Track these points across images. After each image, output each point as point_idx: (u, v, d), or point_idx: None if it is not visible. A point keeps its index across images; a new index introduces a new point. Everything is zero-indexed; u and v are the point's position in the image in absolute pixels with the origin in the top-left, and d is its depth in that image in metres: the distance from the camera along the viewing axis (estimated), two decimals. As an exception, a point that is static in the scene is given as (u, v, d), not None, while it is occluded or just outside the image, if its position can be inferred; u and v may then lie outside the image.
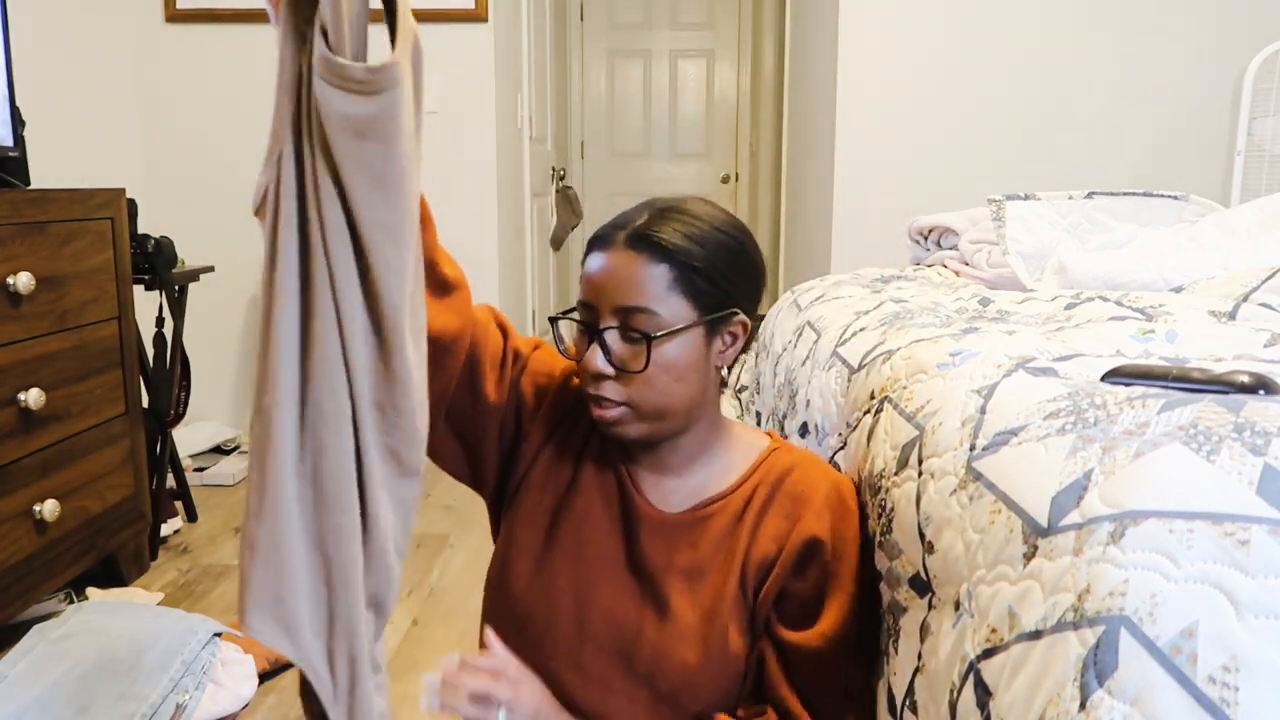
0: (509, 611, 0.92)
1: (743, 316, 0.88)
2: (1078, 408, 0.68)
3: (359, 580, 0.70)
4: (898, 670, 0.78)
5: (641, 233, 0.84)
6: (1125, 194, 1.94)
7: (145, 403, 2.24)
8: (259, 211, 0.68)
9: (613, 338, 0.84)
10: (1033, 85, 3.04)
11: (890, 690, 0.79)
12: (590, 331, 0.85)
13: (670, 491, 0.91)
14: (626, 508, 0.91)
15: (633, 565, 0.89)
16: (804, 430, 1.24)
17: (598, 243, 0.87)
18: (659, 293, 0.82)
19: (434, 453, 0.93)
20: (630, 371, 0.83)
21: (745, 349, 0.91)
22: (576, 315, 0.87)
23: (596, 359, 0.83)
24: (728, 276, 0.85)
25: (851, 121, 3.08)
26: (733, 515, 0.89)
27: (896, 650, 0.79)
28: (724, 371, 0.90)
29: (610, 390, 0.84)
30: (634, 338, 0.83)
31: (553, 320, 0.92)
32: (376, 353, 0.69)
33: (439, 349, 0.82)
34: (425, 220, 0.76)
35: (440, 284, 0.82)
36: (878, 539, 0.86)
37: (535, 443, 0.95)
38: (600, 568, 0.89)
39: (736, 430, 0.95)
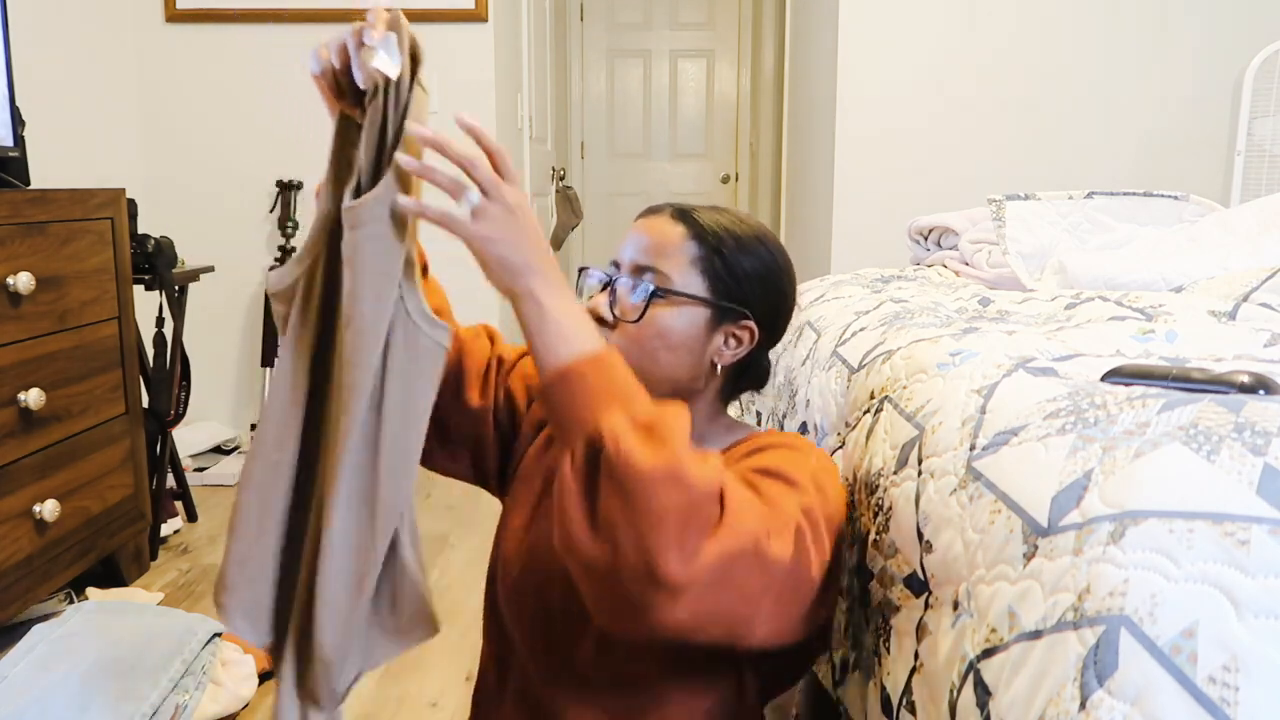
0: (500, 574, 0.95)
1: (752, 324, 0.89)
2: (1078, 408, 0.68)
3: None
4: (891, 670, 0.78)
5: (687, 209, 0.89)
6: (1125, 194, 1.94)
7: (145, 403, 2.24)
8: (279, 295, 0.79)
9: (624, 288, 0.87)
10: (1032, 85, 3.04)
11: (884, 690, 0.79)
12: (607, 282, 0.89)
13: None
14: None
15: None
16: (803, 430, 1.24)
17: (646, 213, 0.92)
18: (680, 263, 0.86)
19: (441, 469, 0.98)
20: (625, 321, 0.86)
21: (755, 381, 0.94)
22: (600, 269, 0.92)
23: (601, 305, 0.87)
24: (750, 278, 0.88)
25: (851, 121, 3.08)
26: None
27: (889, 650, 0.79)
28: (718, 370, 0.90)
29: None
30: (641, 293, 0.86)
31: (581, 270, 0.96)
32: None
33: None
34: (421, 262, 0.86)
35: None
36: (873, 538, 0.86)
37: (529, 433, 0.98)
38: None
39: (735, 426, 0.95)
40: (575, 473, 0.67)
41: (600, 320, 0.87)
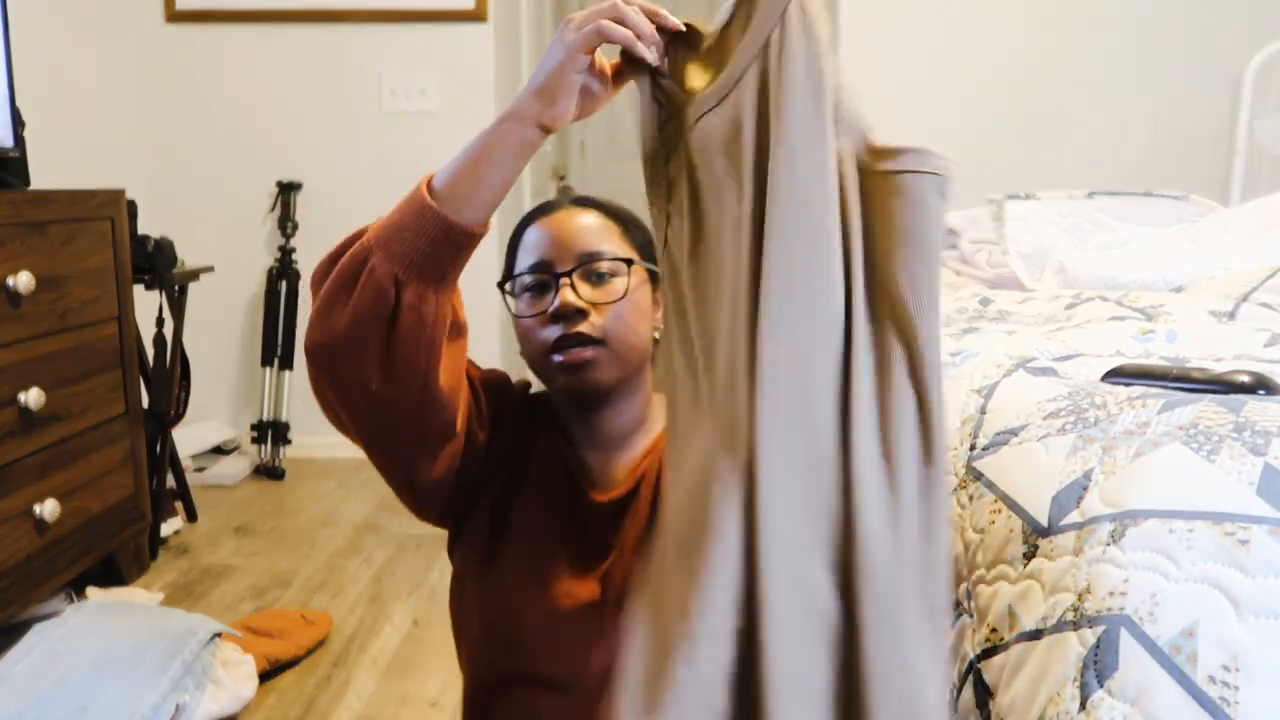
0: (477, 623, 0.91)
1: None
2: (1078, 408, 0.68)
3: None
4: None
5: (584, 198, 0.92)
6: (1125, 194, 1.95)
7: (145, 403, 2.25)
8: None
9: (581, 277, 0.86)
10: (1033, 85, 3.04)
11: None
12: (556, 280, 0.86)
13: (615, 468, 0.91)
14: (575, 501, 0.90)
15: (587, 559, 0.88)
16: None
17: (542, 212, 0.91)
18: (616, 239, 0.88)
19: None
20: (605, 304, 0.85)
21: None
22: (528, 279, 0.88)
23: (571, 297, 0.84)
24: (650, 245, 0.90)
25: (851, 121, 3.07)
26: (657, 458, 0.88)
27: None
28: (655, 342, 0.91)
29: (586, 328, 0.84)
30: (601, 275, 0.86)
31: (500, 285, 0.91)
32: None
33: (441, 398, 0.80)
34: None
35: (456, 328, 0.81)
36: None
37: (494, 457, 0.92)
38: (556, 568, 0.88)
39: (658, 399, 0.94)
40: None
41: (576, 312, 0.83)
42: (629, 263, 0.86)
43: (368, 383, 0.76)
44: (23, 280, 1.66)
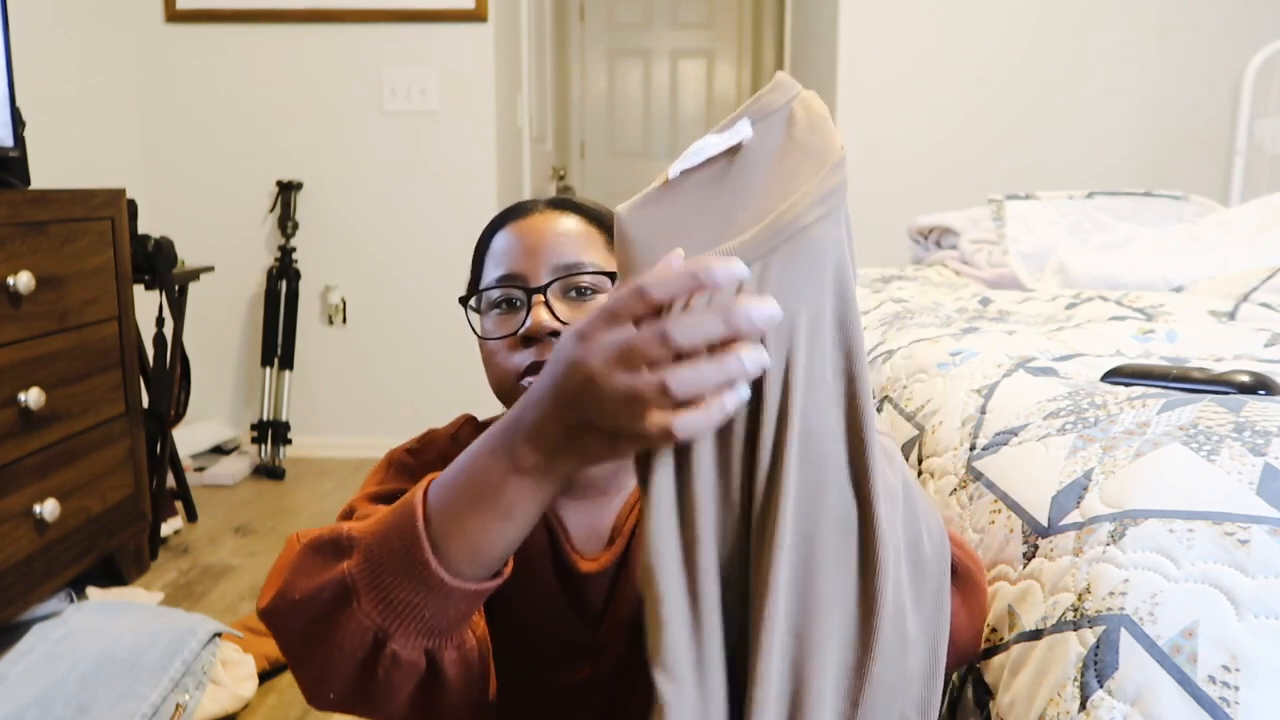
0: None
1: None
2: (1078, 407, 0.68)
3: None
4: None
5: (562, 199, 0.79)
6: (1125, 194, 1.95)
7: (145, 403, 2.25)
8: None
9: (557, 294, 0.74)
10: (1033, 85, 3.03)
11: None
12: (529, 297, 0.74)
13: (599, 522, 0.80)
14: (561, 574, 0.79)
15: (578, 636, 0.79)
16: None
17: (513, 214, 0.79)
18: (599, 249, 0.76)
19: None
20: None
21: None
22: (495, 294, 0.76)
23: (545, 317, 0.72)
24: None
25: (851, 121, 3.08)
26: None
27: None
28: None
29: None
30: (583, 291, 0.74)
31: (463, 301, 0.80)
32: None
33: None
34: None
35: None
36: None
37: None
38: (547, 650, 0.79)
39: None
40: None
41: (550, 335, 0.72)
42: (613, 276, 0.73)
43: None
44: (23, 280, 1.66)
